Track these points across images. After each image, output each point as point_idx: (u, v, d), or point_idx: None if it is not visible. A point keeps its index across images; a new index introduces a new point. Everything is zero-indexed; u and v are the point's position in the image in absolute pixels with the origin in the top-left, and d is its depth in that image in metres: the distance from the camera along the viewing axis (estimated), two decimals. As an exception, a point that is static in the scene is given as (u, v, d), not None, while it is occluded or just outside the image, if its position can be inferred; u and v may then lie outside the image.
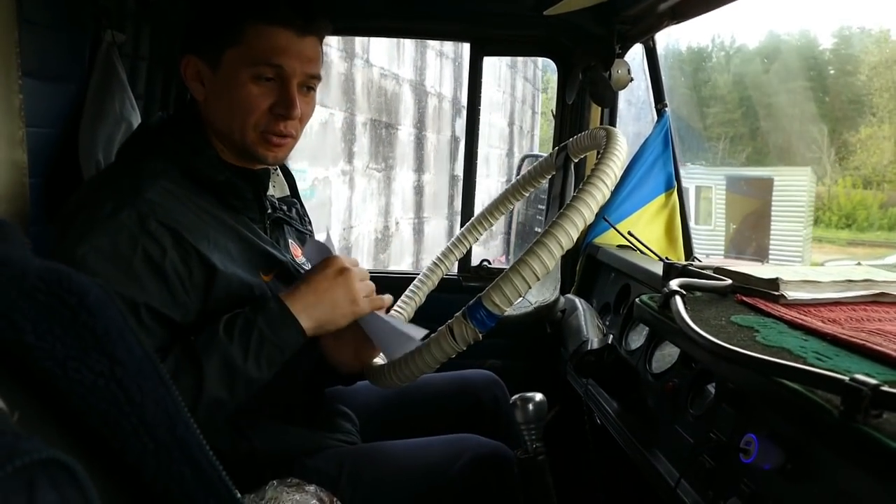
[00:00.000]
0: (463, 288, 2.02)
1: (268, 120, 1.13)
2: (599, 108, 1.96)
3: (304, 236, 1.37)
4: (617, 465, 1.55)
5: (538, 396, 1.26)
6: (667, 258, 1.64)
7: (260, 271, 1.14)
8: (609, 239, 1.90)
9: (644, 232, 1.80)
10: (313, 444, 1.22)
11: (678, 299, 0.96)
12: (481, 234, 1.68)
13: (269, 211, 1.24)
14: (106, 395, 0.47)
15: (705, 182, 10.81)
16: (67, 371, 0.46)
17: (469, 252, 1.93)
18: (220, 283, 1.07)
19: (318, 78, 1.18)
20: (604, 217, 1.81)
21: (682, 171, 1.90)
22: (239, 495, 0.97)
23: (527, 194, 1.67)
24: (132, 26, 1.60)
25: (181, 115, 1.22)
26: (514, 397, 1.28)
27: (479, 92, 2.00)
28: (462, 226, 1.71)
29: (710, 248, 9.94)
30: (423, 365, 1.03)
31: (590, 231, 1.92)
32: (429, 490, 1.18)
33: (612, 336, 1.30)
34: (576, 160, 1.50)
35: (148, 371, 0.49)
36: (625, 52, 1.80)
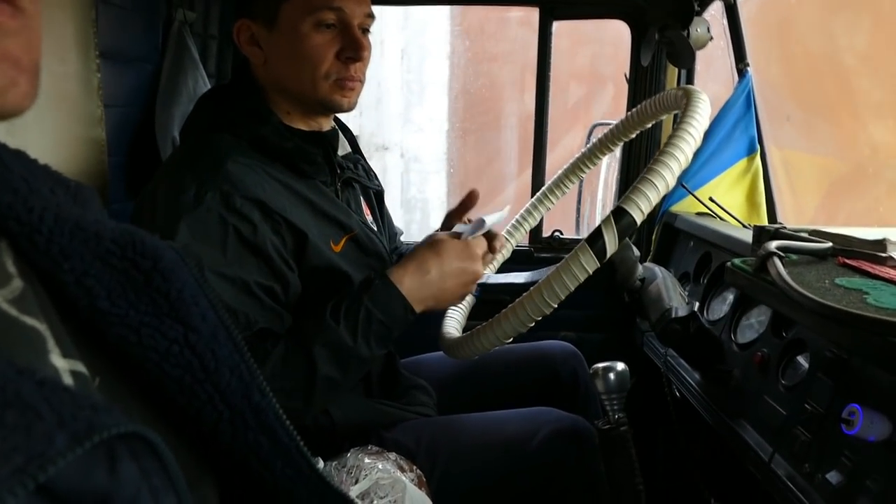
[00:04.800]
0: (534, 259, 1.99)
1: (338, 67, 1.12)
2: (676, 71, 1.87)
3: (371, 195, 1.35)
4: (699, 436, 1.50)
5: (620, 366, 1.22)
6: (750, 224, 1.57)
7: (331, 241, 1.13)
8: (686, 206, 1.82)
9: (725, 198, 1.72)
10: (391, 417, 1.22)
11: (777, 261, 0.90)
12: (553, 204, 1.64)
13: (339, 172, 1.22)
14: (180, 362, 0.46)
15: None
16: (142, 337, 0.45)
17: (541, 222, 1.89)
18: (312, 249, 1.07)
19: (373, 18, 1.16)
20: (682, 184, 1.74)
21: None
22: (322, 464, 0.99)
23: (598, 162, 1.62)
24: (202, 5, 1.61)
25: (237, 85, 1.20)
26: (594, 367, 1.25)
27: (549, 59, 1.94)
28: (533, 195, 1.67)
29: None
30: (495, 338, 1.01)
31: (667, 199, 1.84)
32: (508, 464, 1.16)
33: (696, 304, 1.25)
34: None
35: (222, 338, 0.48)
36: (703, 10, 1.71)
